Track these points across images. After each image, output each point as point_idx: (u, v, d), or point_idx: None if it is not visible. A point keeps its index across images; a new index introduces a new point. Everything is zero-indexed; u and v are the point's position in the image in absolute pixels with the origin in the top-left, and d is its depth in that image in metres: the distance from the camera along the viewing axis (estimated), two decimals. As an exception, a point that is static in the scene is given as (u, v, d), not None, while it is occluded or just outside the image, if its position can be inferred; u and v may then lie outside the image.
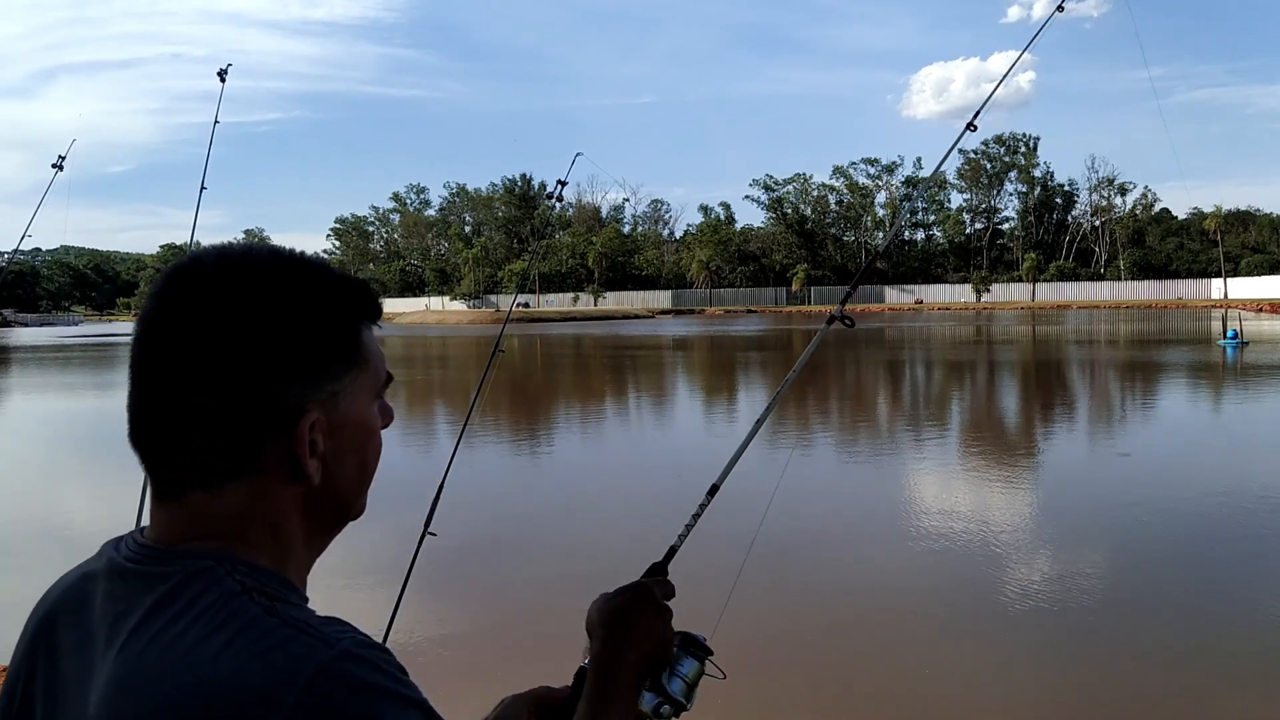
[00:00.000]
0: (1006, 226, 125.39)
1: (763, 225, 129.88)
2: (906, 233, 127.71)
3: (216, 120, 3.34)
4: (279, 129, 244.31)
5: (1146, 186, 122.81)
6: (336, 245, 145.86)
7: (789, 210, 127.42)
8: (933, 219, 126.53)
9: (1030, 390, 22.48)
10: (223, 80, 3.22)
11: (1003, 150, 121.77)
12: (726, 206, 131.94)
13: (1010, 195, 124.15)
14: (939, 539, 8.07)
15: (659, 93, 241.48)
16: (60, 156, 3.36)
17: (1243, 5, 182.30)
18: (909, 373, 28.34)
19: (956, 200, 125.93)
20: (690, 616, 1.23)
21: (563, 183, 3.26)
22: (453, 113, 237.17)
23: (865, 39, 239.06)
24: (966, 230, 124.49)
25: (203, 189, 3.20)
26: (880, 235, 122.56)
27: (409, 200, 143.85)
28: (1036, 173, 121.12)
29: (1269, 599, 6.49)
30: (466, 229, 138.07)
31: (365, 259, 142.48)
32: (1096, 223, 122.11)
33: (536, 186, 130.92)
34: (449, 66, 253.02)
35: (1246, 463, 11.53)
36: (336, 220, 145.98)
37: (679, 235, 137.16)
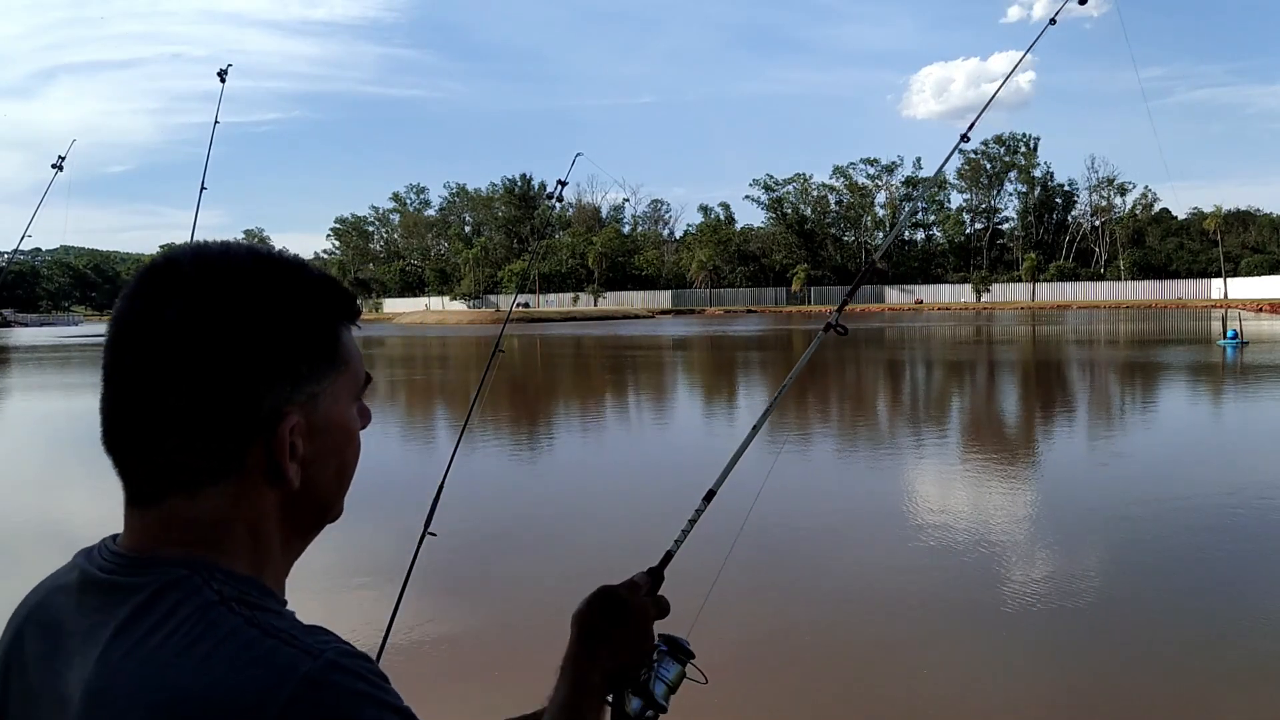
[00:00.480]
0: (1006, 226, 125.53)
1: (763, 225, 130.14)
2: (906, 233, 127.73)
3: (216, 120, 3.34)
4: (279, 129, 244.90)
5: (1146, 186, 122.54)
6: (336, 245, 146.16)
7: (789, 210, 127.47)
8: (933, 219, 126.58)
9: (1029, 391, 22.47)
10: (223, 80, 3.21)
11: (1003, 150, 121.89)
12: (726, 206, 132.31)
13: (1010, 195, 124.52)
14: (935, 539, 8.06)
15: (659, 93, 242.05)
16: (60, 156, 3.35)
17: (1243, 5, 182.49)
18: (908, 373, 28.33)
19: (956, 200, 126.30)
20: (672, 616, 1.23)
21: (563, 183, 3.25)
22: (453, 113, 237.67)
23: (865, 39, 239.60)
24: (966, 230, 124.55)
25: (203, 189, 3.19)
26: (880, 235, 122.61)
27: (409, 200, 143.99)
28: (1036, 173, 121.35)
29: (1270, 599, 6.49)
30: (466, 229, 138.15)
31: (365, 259, 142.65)
32: (1096, 223, 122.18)
33: (536, 186, 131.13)
34: (449, 66, 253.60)
35: (1246, 463, 11.52)
36: (336, 220, 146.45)
37: (679, 235, 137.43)
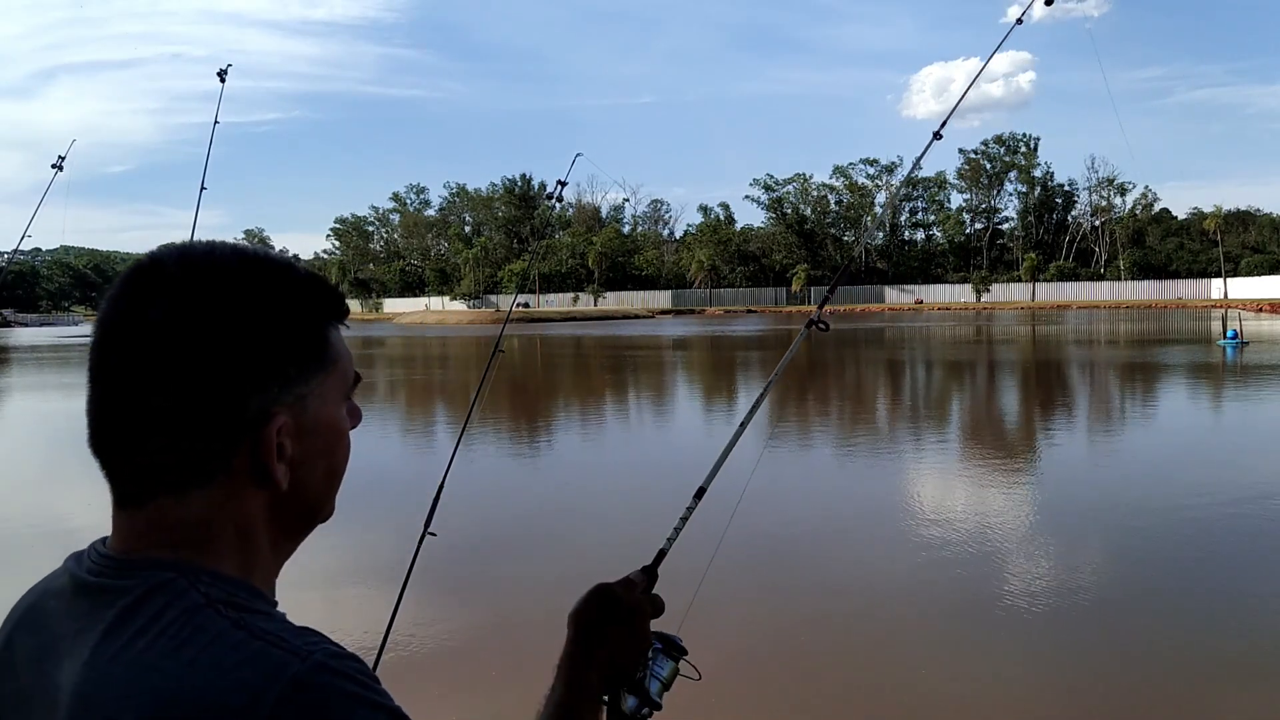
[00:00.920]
0: (1006, 226, 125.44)
1: (763, 225, 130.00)
2: (907, 233, 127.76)
3: (216, 120, 3.34)
4: (279, 129, 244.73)
5: (1146, 186, 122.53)
6: (336, 245, 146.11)
7: (789, 210, 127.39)
8: (933, 219, 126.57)
9: (1029, 391, 22.46)
10: (223, 80, 3.21)
11: (1003, 150, 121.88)
12: (726, 206, 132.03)
13: (1010, 195, 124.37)
14: (933, 538, 8.06)
15: (659, 93, 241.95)
16: (60, 156, 3.35)
17: (1243, 5, 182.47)
18: (907, 372, 28.32)
19: (956, 200, 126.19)
20: (665, 613, 1.23)
21: (563, 183, 3.26)
22: (453, 113, 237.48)
23: (865, 39, 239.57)
24: (966, 230, 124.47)
25: (203, 189, 3.19)
26: (880, 235, 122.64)
27: (409, 200, 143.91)
28: (1036, 173, 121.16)
29: (1270, 599, 6.48)
30: (466, 229, 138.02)
31: (365, 259, 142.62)
32: (1096, 223, 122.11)
33: (536, 186, 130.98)
34: (449, 66, 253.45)
35: (1246, 463, 11.52)
36: (336, 220, 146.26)
37: (679, 235, 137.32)
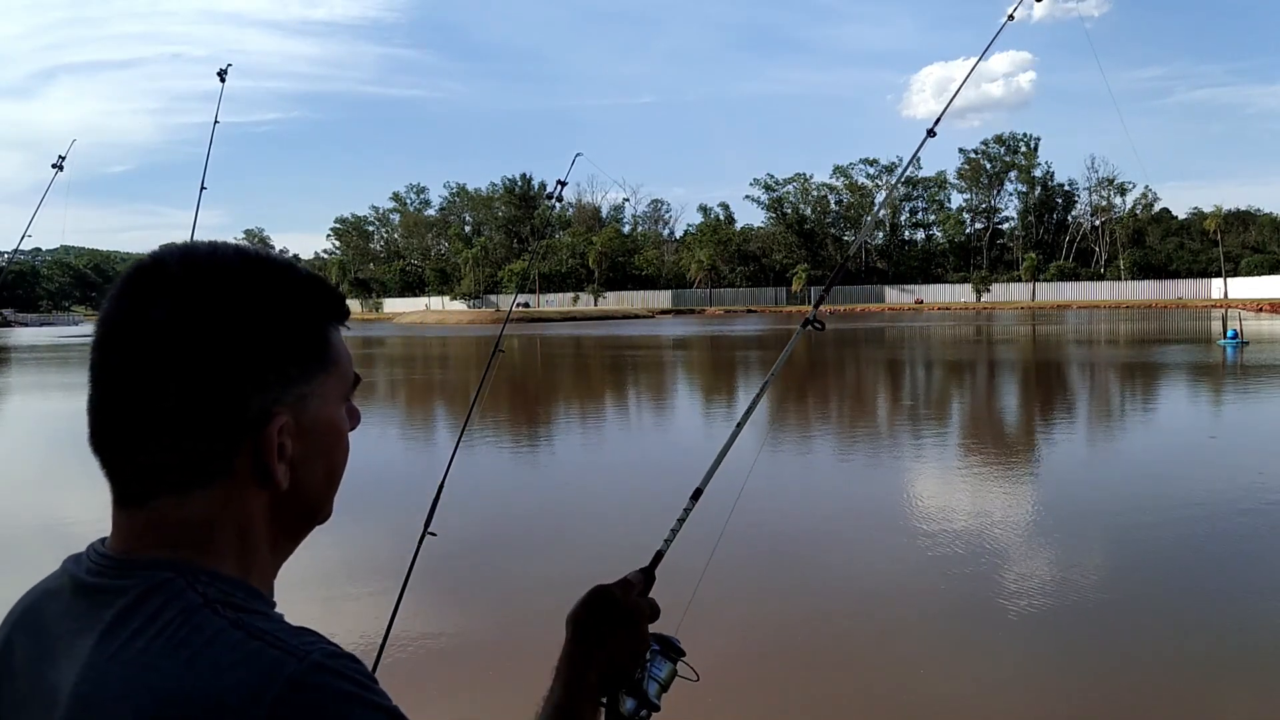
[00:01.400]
0: (1006, 226, 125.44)
1: (763, 225, 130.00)
2: (907, 232, 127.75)
3: (216, 120, 3.33)
4: (279, 129, 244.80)
5: (1146, 186, 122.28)
6: (336, 245, 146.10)
7: (789, 210, 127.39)
8: (933, 219, 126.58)
9: (1029, 390, 22.46)
10: (223, 80, 3.21)
11: (1003, 150, 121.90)
12: (726, 206, 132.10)
13: (1010, 195, 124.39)
14: (932, 538, 8.06)
15: (659, 93, 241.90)
16: (60, 156, 3.35)
17: (1243, 5, 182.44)
18: (907, 372, 28.32)
19: (957, 200, 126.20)
20: (662, 613, 1.23)
21: (563, 183, 3.26)
22: (453, 113, 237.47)
23: (865, 39, 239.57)
24: (966, 230, 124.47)
25: (203, 189, 3.18)
26: (880, 235, 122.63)
27: (409, 200, 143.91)
28: (1036, 173, 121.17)
29: (1271, 599, 6.48)
30: (466, 229, 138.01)
31: (365, 259, 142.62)
32: (1096, 223, 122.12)
33: (536, 186, 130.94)
34: (449, 66, 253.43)
35: (1247, 463, 11.51)
36: (336, 220, 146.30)
37: (679, 235, 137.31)
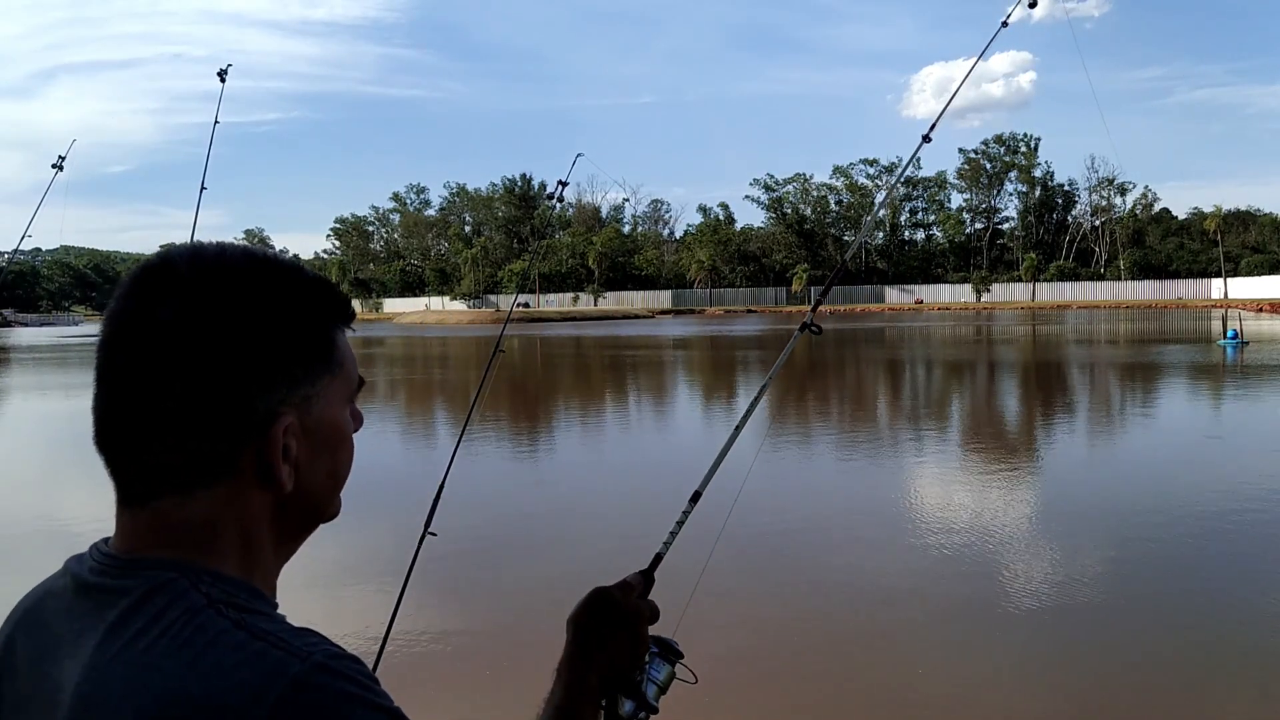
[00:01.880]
0: (1006, 226, 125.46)
1: (763, 225, 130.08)
2: (907, 233, 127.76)
3: (216, 120, 3.33)
4: (279, 129, 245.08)
5: (1146, 186, 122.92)
6: (336, 245, 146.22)
7: (789, 210, 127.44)
8: (933, 219, 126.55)
9: (1029, 390, 22.45)
10: (223, 80, 3.20)
11: (1003, 150, 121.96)
12: (726, 206, 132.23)
13: (1010, 195, 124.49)
14: (932, 538, 8.05)
15: (659, 93, 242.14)
16: (60, 156, 3.35)
17: (1243, 5, 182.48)
18: (907, 372, 28.32)
19: (956, 200, 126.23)
20: (661, 615, 1.23)
21: (563, 183, 3.26)
22: (453, 113, 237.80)
23: (865, 39, 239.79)
24: (966, 230, 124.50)
25: (203, 189, 3.18)
26: (880, 235, 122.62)
27: (409, 200, 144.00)
28: (1036, 173, 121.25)
29: (1271, 599, 6.48)
30: (466, 229, 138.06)
31: (365, 259, 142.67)
32: (1096, 223, 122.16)
33: (536, 186, 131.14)
34: (449, 66, 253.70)
35: (1247, 463, 11.51)
36: (336, 220, 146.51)
37: (679, 235, 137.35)
